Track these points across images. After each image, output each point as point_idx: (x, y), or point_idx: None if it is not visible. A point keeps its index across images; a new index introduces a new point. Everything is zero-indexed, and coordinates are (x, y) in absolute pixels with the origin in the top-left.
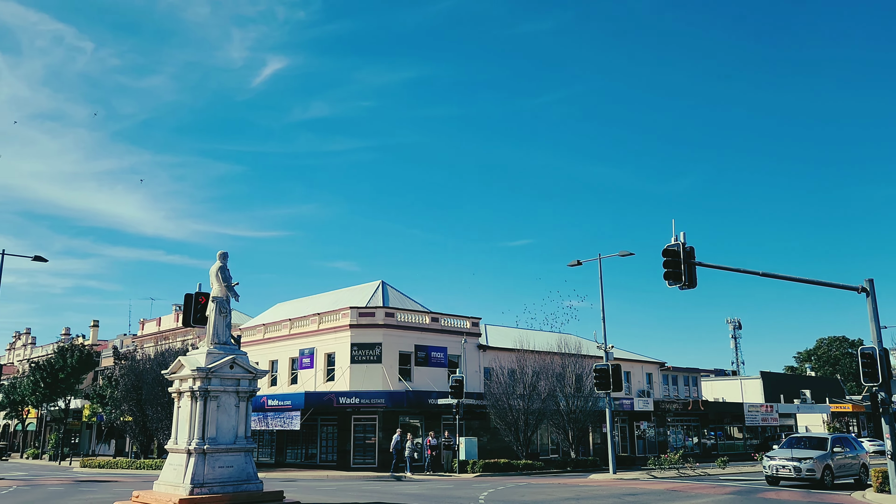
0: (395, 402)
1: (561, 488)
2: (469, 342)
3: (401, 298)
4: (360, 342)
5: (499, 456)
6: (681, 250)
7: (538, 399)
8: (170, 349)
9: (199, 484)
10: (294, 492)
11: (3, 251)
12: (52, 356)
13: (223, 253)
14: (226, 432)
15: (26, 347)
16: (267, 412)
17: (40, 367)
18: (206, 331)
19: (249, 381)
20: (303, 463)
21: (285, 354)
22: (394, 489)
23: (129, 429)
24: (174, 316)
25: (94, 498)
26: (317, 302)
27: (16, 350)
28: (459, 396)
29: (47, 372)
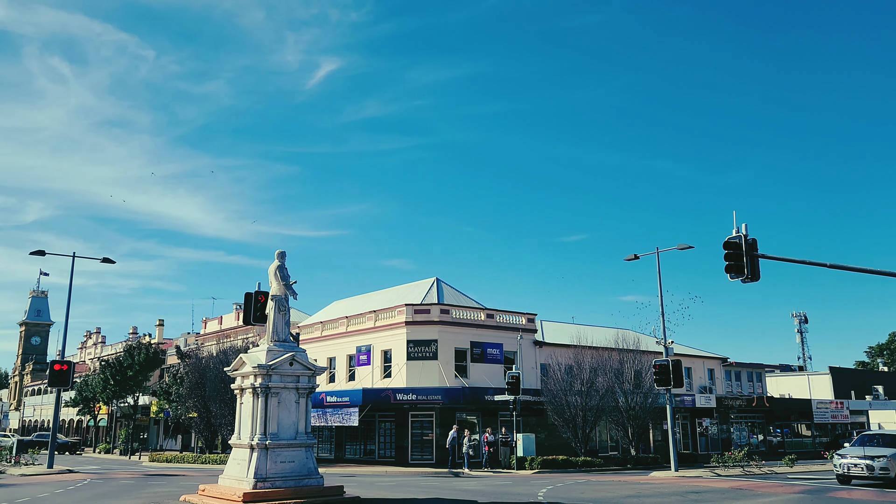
0: (452, 398)
1: (621, 485)
2: (525, 338)
3: (455, 295)
4: (416, 339)
5: (557, 453)
6: (742, 242)
7: (596, 395)
8: (231, 347)
9: (262, 478)
10: (354, 487)
11: (73, 254)
12: (120, 354)
13: (281, 252)
14: (287, 428)
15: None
16: (326, 408)
17: (110, 365)
18: (266, 329)
19: (308, 377)
20: (361, 459)
21: (343, 351)
22: (452, 485)
23: (194, 424)
24: (235, 314)
25: (163, 491)
26: (373, 299)
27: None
28: (516, 393)
29: (116, 370)
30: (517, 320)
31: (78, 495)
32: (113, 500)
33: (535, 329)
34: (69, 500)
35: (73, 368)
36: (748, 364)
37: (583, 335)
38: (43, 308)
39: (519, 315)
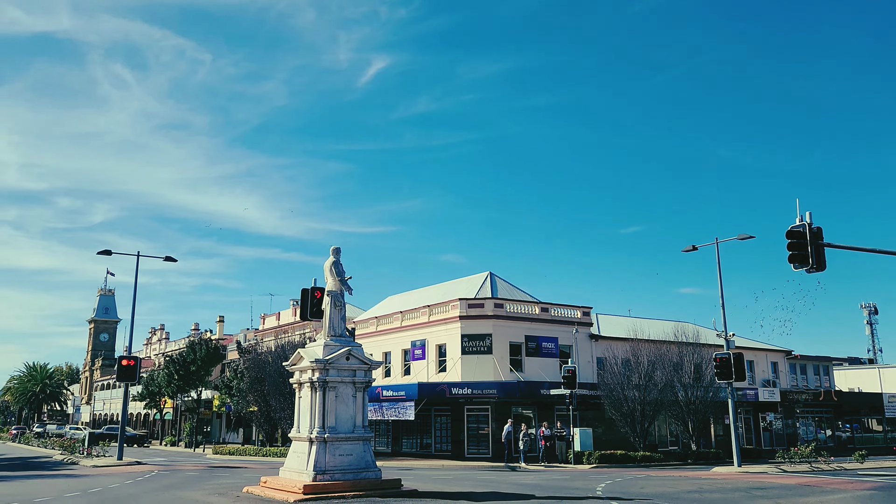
0: (507, 392)
1: (682, 481)
2: (580, 332)
3: (509, 289)
4: (470, 333)
5: (615, 447)
6: (807, 231)
7: (655, 389)
8: (289, 342)
9: (321, 471)
10: (411, 480)
11: (138, 253)
12: (183, 350)
13: (336, 248)
14: (344, 421)
15: (161, 342)
16: (382, 402)
17: (174, 361)
18: (323, 324)
19: (365, 371)
20: (418, 452)
21: (398, 346)
22: (509, 479)
23: (255, 418)
24: (292, 310)
25: (227, 483)
26: (426, 294)
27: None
28: (572, 387)
29: (180, 365)
30: (572, 314)
31: (147, 486)
32: (180, 490)
33: (591, 322)
34: (139, 491)
35: (140, 364)
36: (814, 357)
37: (640, 328)
38: (110, 306)
39: (574, 308)
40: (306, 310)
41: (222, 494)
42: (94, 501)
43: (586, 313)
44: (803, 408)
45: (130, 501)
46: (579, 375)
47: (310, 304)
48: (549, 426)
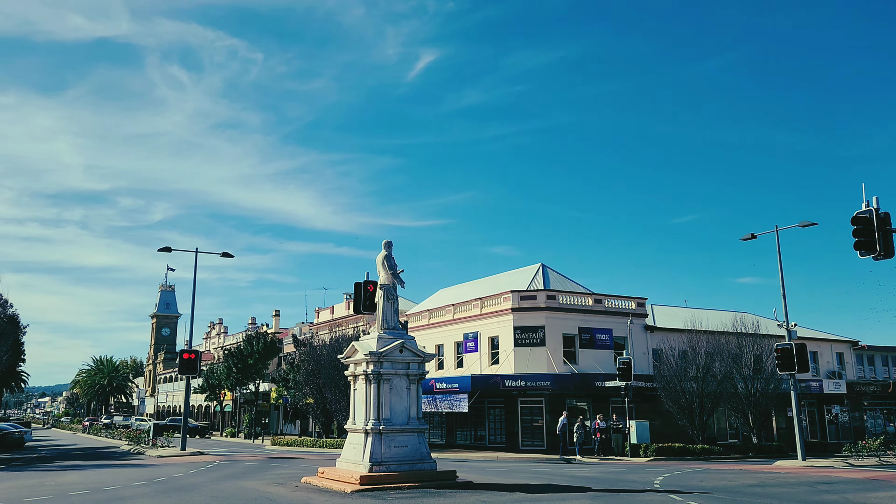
0: (561, 384)
1: (743, 474)
2: (635, 323)
3: (562, 281)
4: (523, 325)
5: (672, 440)
6: (873, 217)
7: (713, 381)
8: (343, 335)
9: (377, 462)
10: (466, 472)
11: (196, 249)
12: (241, 344)
13: (388, 242)
14: (399, 413)
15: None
16: (436, 395)
17: (232, 354)
18: (376, 317)
19: (418, 364)
20: (472, 444)
21: (450, 338)
22: (564, 472)
23: (311, 410)
24: (345, 304)
25: (285, 473)
26: (478, 287)
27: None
28: (628, 379)
29: (238, 358)
30: (626, 305)
31: (209, 475)
32: (241, 480)
33: (646, 313)
34: (202, 480)
35: (200, 357)
36: (883, 347)
37: (697, 319)
38: (171, 301)
39: (628, 299)
40: (359, 303)
41: (281, 484)
42: (159, 490)
43: (641, 304)
44: (871, 400)
45: (194, 490)
46: (634, 367)
47: (363, 297)
48: (605, 418)
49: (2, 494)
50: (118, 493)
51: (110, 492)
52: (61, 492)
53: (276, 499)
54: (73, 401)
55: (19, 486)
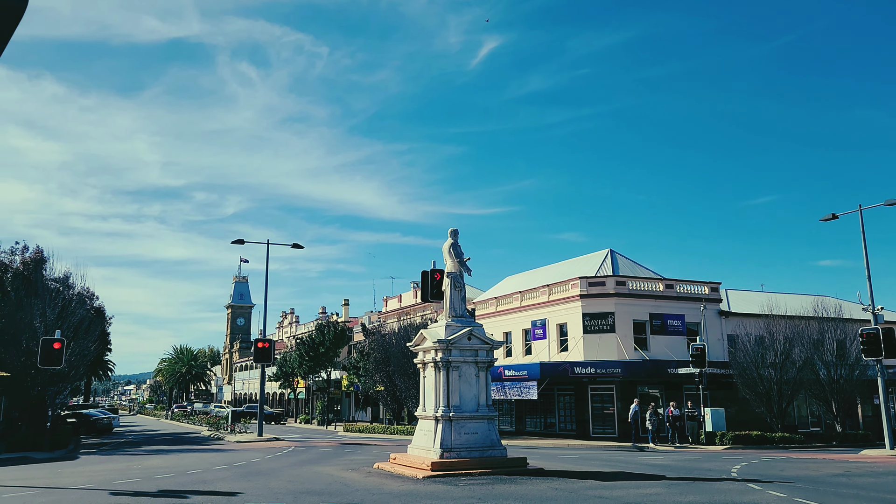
0: (632, 371)
1: (826, 464)
2: (709, 308)
3: (631, 266)
4: (592, 312)
5: (749, 428)
6: None
7: (792, 368)
8: (411, 324)
9: (447, 448)
10: (536, 459)
11: (268, 241)
12: (312, 333)
13: (454, 230)
14: (468, 401)
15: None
16: (504, 382)
17: (304, 343)
18: (443, 305)
19: (487, 351)
20: (542, 432)
21: (518, 326)
22: (637, 460)
23: (382, 397)
24: (413, 292)
25: (358, 459)
26: (545, 273)
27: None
28: (702, 365)
29: (310, 347)
30: (699, 290)
31: (285, 460)
32: (316, 465)
33: (720, 298)
34: (279, 465)
35: (274, 346)
36: None
37: (774, 303)
38: (245, 292)
39: (701, 284)
40: (426, 292)
41: (355, 470)
42: (239, 474)
43: (714, 289)
44: None
45: (272, 475)
46: (708, 354)
47: (430, 286)
48: (678, 406)
49: (95, 477)
50: (201, 477)
51: (193, 475)
52: (148, 475)
53: (350, 484)
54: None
55: (110, 470)
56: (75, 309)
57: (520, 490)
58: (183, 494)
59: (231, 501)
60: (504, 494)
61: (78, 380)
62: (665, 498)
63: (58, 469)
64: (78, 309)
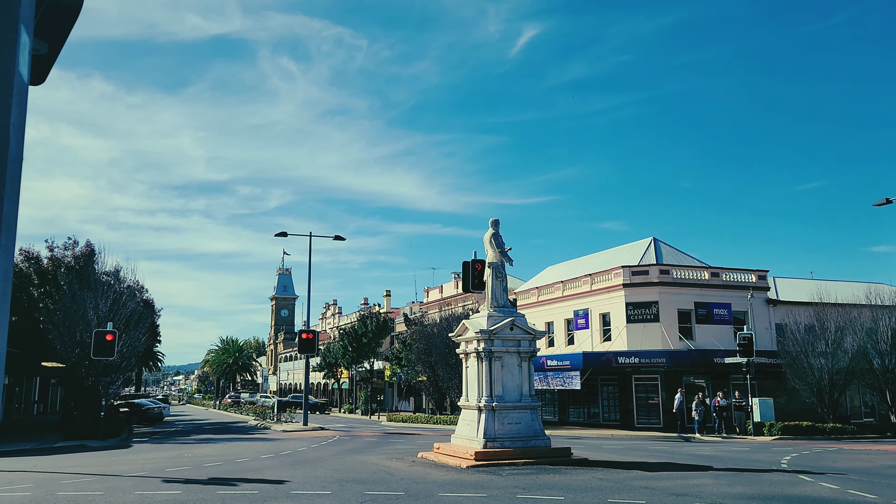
0: (677, 361)
1: (881, 455)
2: (756, 297)
3: (675, 254)
4: (635, 301)
5: (798, 418)
6: None
7: (844, 357)
8: (452, 314)
9: (491, 438)
10: (580, 449)
11: (310, 233)
12: (355, 324)
13: (495, 220)
14: (511, 390)
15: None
16: (547, 372)
17: (347, 334)
18: (485, 295)
19: (529, 341)
20: (585, 422)
21: (560, 316)
22: (683, 450)
23: (424, 387)
24: (454, 283)
25: (402, 448)
26: (587, 263)
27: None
28: (749, 355)
29: (353, 337)
30: (746, 278)
31: (330, 449)
32: (360, 455)
33: (768, 287)
34: (324, 454)
35: (317, 337)
36: None
37: (824, 291)
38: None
39: (748, 272)
40: (468, 282)
41: (399, 459)
42: (286, 462)
43: (762, 277)
44: None
45: (318, 463)
46: (756, 343)
47: (471, 276)
48: (725, 396)
49: (147, 464)
50: (249, 465)
51: (241, 463)
52: (198, 463)
53: (394, 472)
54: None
55: (162, 458)
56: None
57: (564, 480)
58: (232, 482)
59: (278, 489)
60: (548, 484)
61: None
62: (712, 489)
63: (112, 457)
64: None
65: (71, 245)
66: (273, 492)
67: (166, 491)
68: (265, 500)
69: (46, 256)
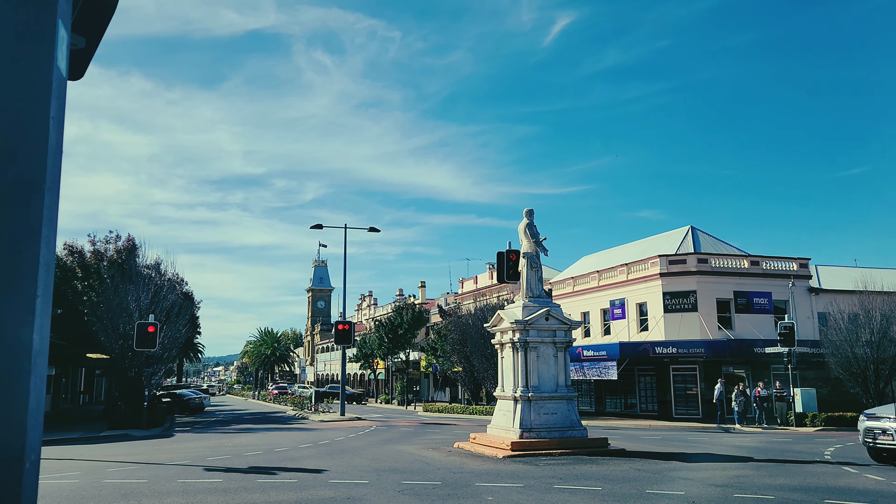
0: (716, 351)
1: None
2: (797, 285)
3: (714, 243)
4: (672, 291)
5: (842, 409)
6: None
7: (891, 346)
8: (487, 305)
9: (527, 429)
10: (617, 440)
11: (345, 225)
12: (391, 315)
13: (529, 210)
14: (547, 381)
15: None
16: (583, 362)
17: (383, 325)
18: (520, 285)
19: (565, 331)
20: (622, 412)
21: (596, 306)
22: (722, 441)
23: (460, 378)
24: (489, 273)
25: (438, 438)
26: (623, 252)
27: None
28: (790, 344)
29: (388, 328)
30: (787, 266)
31: (368, 439)
32: (397, 444)
33: (809, 275)
34: (362, 444)
35: (353, 328)
36: None
37: (869, 279)
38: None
39: (789, 260)
40: (503, 272)
41: (435, 449)
42: (324, 452)
43: (804, 265)
44: None
45: (355, 453)
46: (798, 332)
47: (505, 266)
48: (766, 386)
49: (190, 453)
50: (288, 454)
51: (281, 453)
52: (238, 452)
53: (431, 462)
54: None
55: (203, 447)
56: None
57: (601, 470)
58: (272, 471)
59: (317, 478)
60: (585, 474)
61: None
62: (754, 480)
63: (155, 445)
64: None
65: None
66: (312, 481)
67: (208, 479)
68: (304, 488)
69: (89, 250)
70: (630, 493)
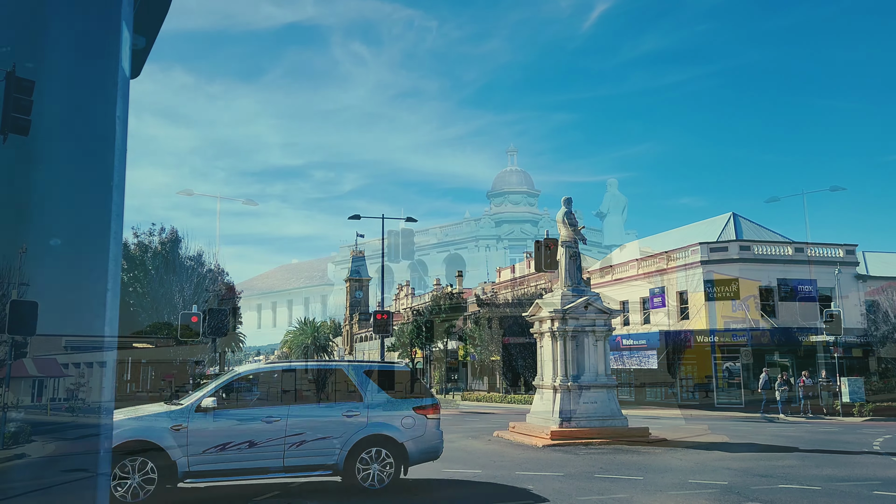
0: (759, 339)
1: None
2: (844, 273)
3: (756, 230)
4: (714, 278)
5: (891, 399)
6: None
7: None
8: (525, 294)
9: (567, 418)
10: (658, 429)
11: (382, 216)
12: (428, 304)
13: (567, 198)
14: (586, 370)
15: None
16: (623, 351)
17: (420, 314)
18: (559, 274)
19: (604, 320)
20: (663, 402)
21: (635, 294)
22: (766, 430)
23: (498, 367)
24: (526, 262)
25: (477, 427)
26: (663, 240)
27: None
28: (837, 333)
29: (426, 318)
30: (833, 253)
31: None
32: None
33: (857, 262)
34: None
35: (391, 318)
36: None
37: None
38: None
39: (835, 247)
40: (540, 261)
41: (475, 438)
42: None
43: (850, 252)
44: None
45: None
46: (844, 320)
47: (543, 255)
48: (811, 375)
49: None
50: None
51: None
52: None
53: (472, 451)
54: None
55: None
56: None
57: (642, 460)
58: None
59: None
60: (626, 464)
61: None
62: (799, 471)
63: None
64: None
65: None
66: None
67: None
68: None
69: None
70: (672, 483)
